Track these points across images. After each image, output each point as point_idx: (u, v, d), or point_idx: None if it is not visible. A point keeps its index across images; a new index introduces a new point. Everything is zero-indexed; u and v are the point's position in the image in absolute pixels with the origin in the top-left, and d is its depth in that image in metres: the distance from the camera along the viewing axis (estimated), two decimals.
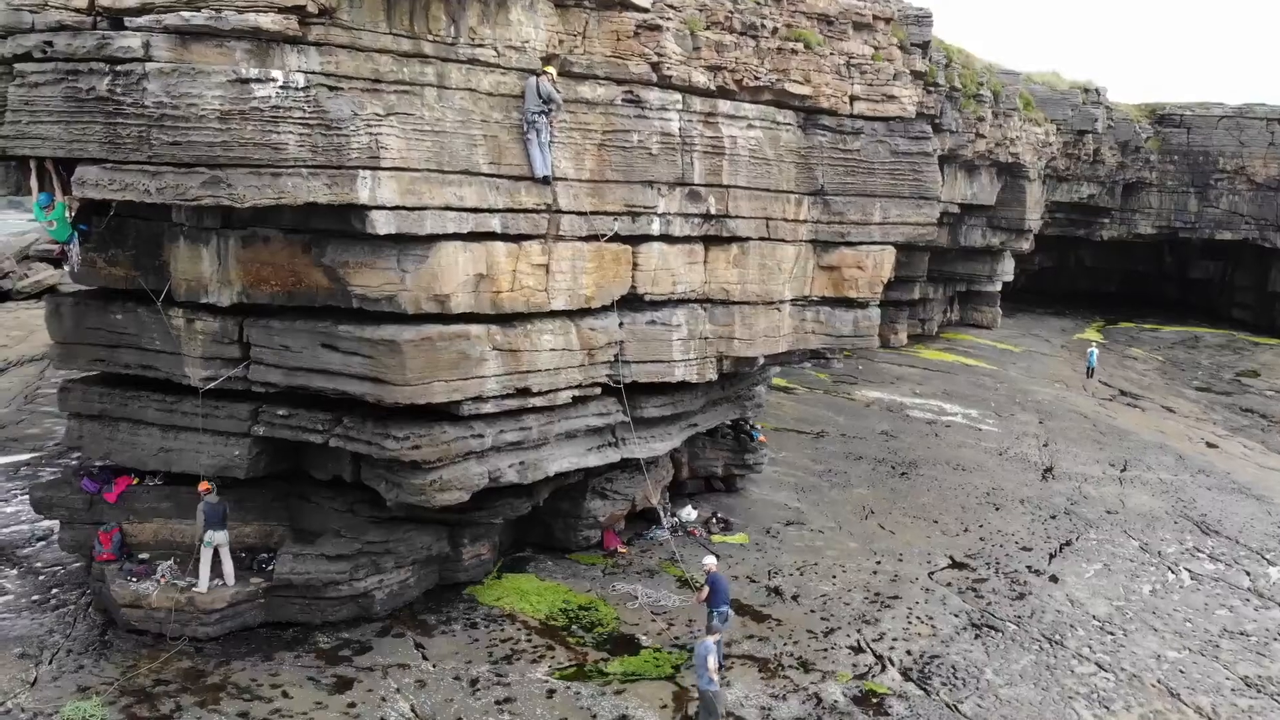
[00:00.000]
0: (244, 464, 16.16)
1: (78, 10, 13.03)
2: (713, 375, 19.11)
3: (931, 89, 30.38)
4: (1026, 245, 45.73)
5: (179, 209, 15.04)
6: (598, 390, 17.58)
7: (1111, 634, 17.86)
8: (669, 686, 15.22)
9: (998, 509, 24.28)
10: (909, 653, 16.74)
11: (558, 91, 15.51)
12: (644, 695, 14.92)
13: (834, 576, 19.46)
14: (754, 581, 19.15)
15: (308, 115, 13.16)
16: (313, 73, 13.39)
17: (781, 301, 19.67)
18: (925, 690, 15.64)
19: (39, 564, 18.57)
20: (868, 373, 37.72)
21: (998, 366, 42.16)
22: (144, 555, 16.84)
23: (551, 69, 15.69)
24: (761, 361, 20.19)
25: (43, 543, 19.44)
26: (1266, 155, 53.83)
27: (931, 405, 34.20)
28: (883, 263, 20.61)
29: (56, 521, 19.82)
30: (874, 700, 15.18)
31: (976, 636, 17.54)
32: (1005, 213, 43.08)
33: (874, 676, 15.93)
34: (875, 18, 20.33)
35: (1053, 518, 23.96)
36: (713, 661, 13.66)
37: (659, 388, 18.68)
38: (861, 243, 20.24)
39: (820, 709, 14.87)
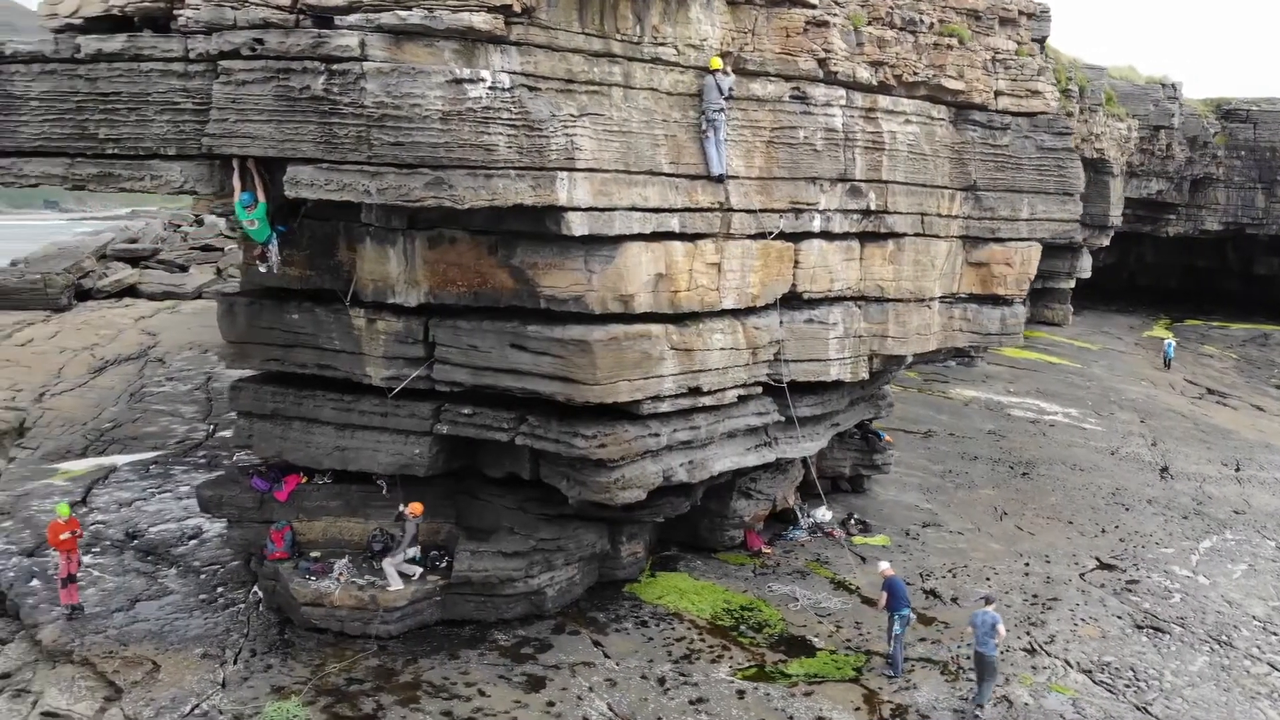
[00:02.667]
0: (425, 462, 16.19)
1: (281, 7, 13.06)
2: (865, 374, 19.00)
3: None
4: (1105, 241, 45.26)
5: (368, 209, 15.07)
6: (759, 389, 17.50)
7: (1275, 634, 17.62)
8: (856, 689, 15.12)
9: (1127, 509, 24.01)
10: (1084, 654, 16.56)
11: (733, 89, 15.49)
12: (834, 697, 14.82)
13: (987, 579, 19.27)
14: (908, 584, 18.94)
15: (514, 116, 13.11)
16: (515, 73, 13.36)
17: (932, 299, 19.54)
18: (1111, 692, 15.46)
19: (196, 562, 18.67)
20: (957, 371, 37.43)
21: (1081, 364, 41.74)
22: (315, 553, 16.90)
23: (727, 66, 15.63)
24: (910, 360, 20.07)
25: (195, 541, 19.56)
26: None
27: (1030, 404, 33.91)
28: (1030, 259, 20.43)
29: (204, 520, 20.15)
30: (1064, 703, 15.01)
31: (1146, 637, 17.34)
32: (1088, 209, 42.49)
33: (1057, 679, 15.76)
34: (1020, 13, 20.16)
35: (1184, 518, 23.67)
36: (1002, 629, 14.43)
37: (810, 387, 18.57)
38: (1010, 239, 20.07)
39: (1013, 712, 14.71)
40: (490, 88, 12.97)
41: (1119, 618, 18.05)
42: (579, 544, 17.04)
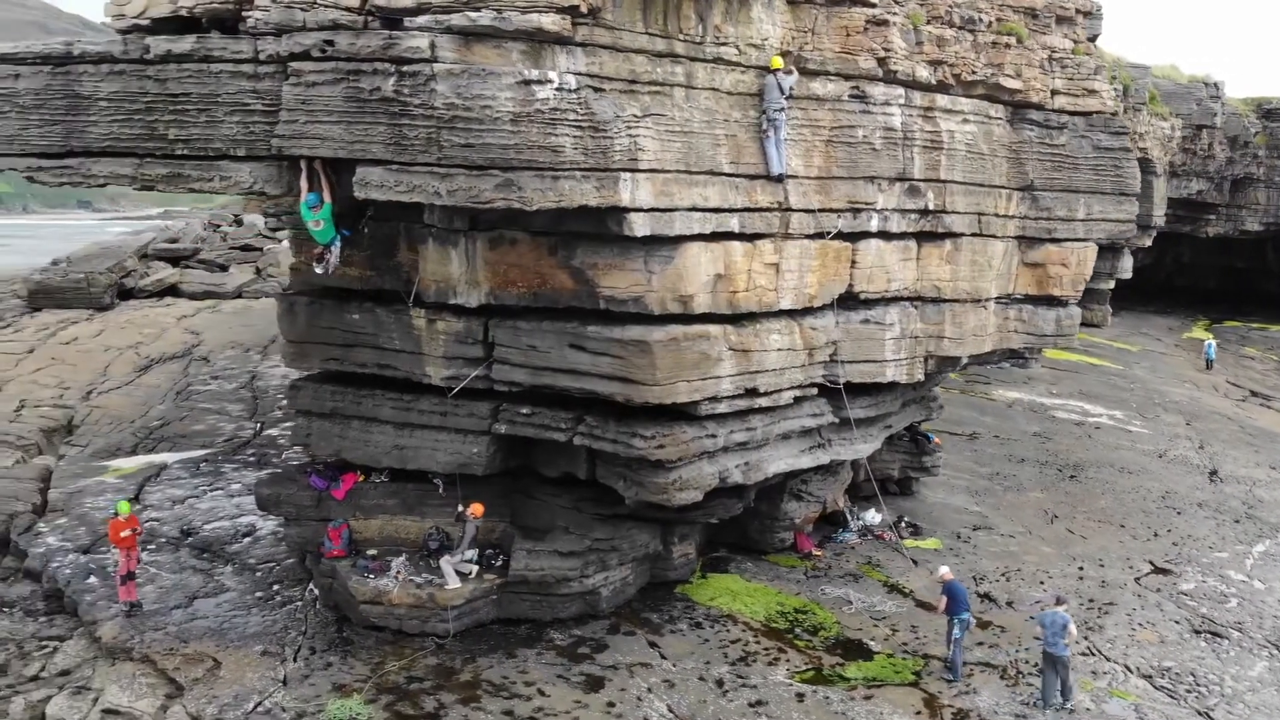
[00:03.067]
0: (483, 461, 16.23)
1: (350, 9, 13.11)
2: (920, 375, 18.87)
3: None
4: (1148, 241, 44.70)
5: (430, 210, 15.11)
6: (814, 391, 17.41)
7: None
8: (916, 693, 15.01)
9: (1179, 513, 23.72)
10: (1143, 659, 16.37)
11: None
12: (894, 701, 14.73)
13: (1041, 582, 19.09)
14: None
15: (580, 117, 13.08)
16: (580, 74, 13.33)
17: (988, 299, 19.37)
18: (1173, 697, 15.27)
19: (251, 560, 18.83)
20: (997, 372, 37.11)
21: (1123, 366, 41.31)
22: (371, 551, 16.99)
23: (788, 65, 15.57)
24: (965, 362, 19.91)
25: (249, 538, 19.74)
26: None
27: (1073, 406, 33.59)
28: (1086, 260, 20.23)
29: (256, 517, 20.31)
30: (1126, 708, 14.83)
31: (1204, 642, 17.12)
32: None
33: (1117, 684, 15.58)
34: (1077, 11, 19.95)
35: (1236, 522, 23.37)
36: (1073, 629, 14.62)
37: (864, 388, 18.44)
38: (1066, 239, 19.86)
39: (1075, 719, 14.55)
40: (557, 89, 12.96)
41: (1176, 622, 17.84)
42: (633, 544, 17.02)
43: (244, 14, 13.58)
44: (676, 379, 14.88)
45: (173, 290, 45.57)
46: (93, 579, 17.68)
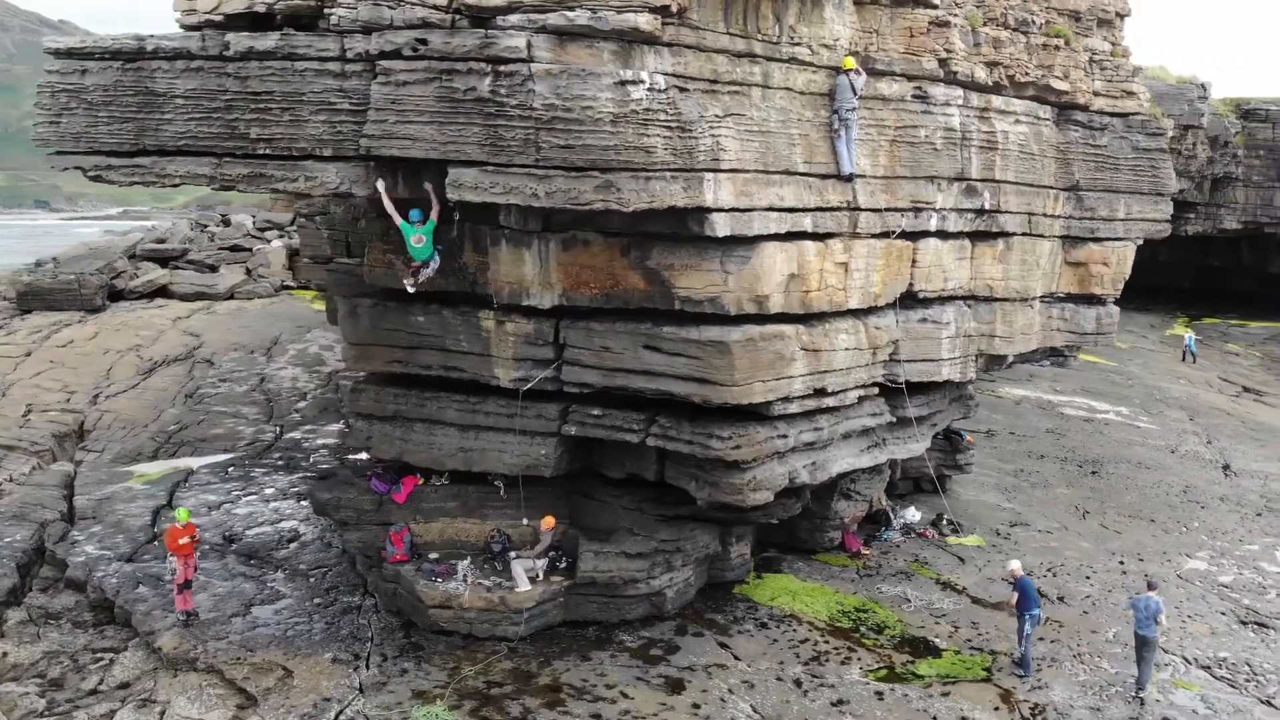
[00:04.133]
0: (551, 463, 16.13)
1: (438, 7, 12.95)
2: (973, 374, 19.07)
3: None
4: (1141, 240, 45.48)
5: (506, 212, 14.96)
6: (875, 390, 17.51)
7: None
8: (990, 688, 15.14)
9: (1203, 507, 24.16)
10: (1199, 651, 16.66)
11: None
12: (970, 697, 14.84)
13: (1087, 577, 19.35)
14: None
15: (669, 118, 13.02)
16: (668, 74, 13.28)
17: (1034, 298, 19.59)
18: (1234, 687, 15.56)
19: (301, 565, 18.55)
20: (1003, 370, 37.49)
21: (1117, 363, 41.96)
22: (434, 555, 16.81)
23: (858, 65, 15.64)
24: (1010, 360, 20.12)
25: (295, 544, 19.44)
26: None
27: (1079, 403, 34.07)
28: (1125, 259, 20.54)
29: (298, 522, 20.04)
30: (1193, 699, 15.08)
31: (1252, 633, 17.46)
32: None
33: (1179, 676, 15.84)
34: (1116, 14, 20.22)
35: (1258, 515, 23.85)
36: (1163, 618, 15.17)
37: (919, 387, 18.56)
38: (1108, 239, 20.18)
39: (1146, 710, 14.77)
40: (649, 89, 12.90)
41: (1222, 614, 18.17)
42: (695, 545, 17.00)
43: (326, 10, 13.40)
44: (753, 379, 14.89)
45: (163, 291, 44.65)
46: (143, 588, 17.30)
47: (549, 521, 16.25)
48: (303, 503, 21.21)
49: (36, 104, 14.10)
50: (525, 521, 16.93)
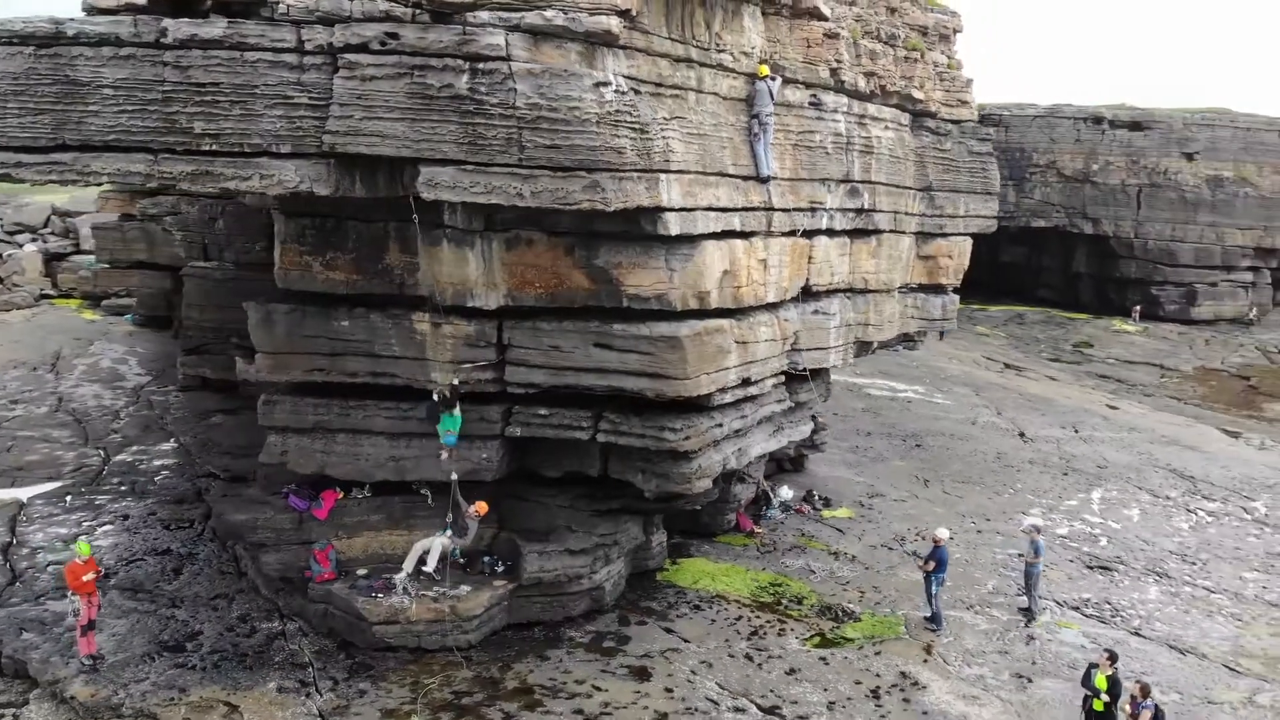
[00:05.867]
0: (494, 466, 15.96)
1: (399, 1, 12.61)
2: (852, 360, 20.60)
3: None
4: None
5: (453, 211, 14.61)
6: (781, 379, 18.58)
7: (1193, 564, 20.99)
8: (914, 644, 16.60)
9: (1018, 471, 27.25)
10: (1065, 595, 18.98)
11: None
12: (901, 653, 16.22)
13: (951, 538, 21.26)
14: (891, 550, 20.81)
15: (633, 119, 13.37)
16: (626, 76, 13.65)
17: (895, 289, 21.41)
18: (1103, 623, 17.94)
19: (196, 593, 17.13)
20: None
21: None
22: (362, 570, 16.15)
23: (770, 72, 16.58)
24: (875, 346, 21.85)
25: (183, 574, 17.87)
26: (1074, 150, 61.60)
27: (881, 384, 37.16)
28: (964, 252, 22.86)
29: (175, 551, 18.57)
30: (1077, 635, 17.23)
31: (1101, 576, 20.09)
32: None
33: (1058, 617, 18.01)
34: (954, 30, 22.46)
35: (1064, 475, 27.23)
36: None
37: (804, 375, 19.81)
38: (953, 234, 22.38)
39: (1040, 648, 16.72)
40: (615, 91, 13.21)
41: (1071, 562, 20.76)
42: (627, 537, 17.41)
43: None
44: (700, 372, 15.46)
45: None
46: (27, 634, 15.43)
47: (481, 507, 15.89)
48: (172, 529, 19.56)
49: None
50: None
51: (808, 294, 18.96)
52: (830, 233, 19.09)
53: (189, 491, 21.87)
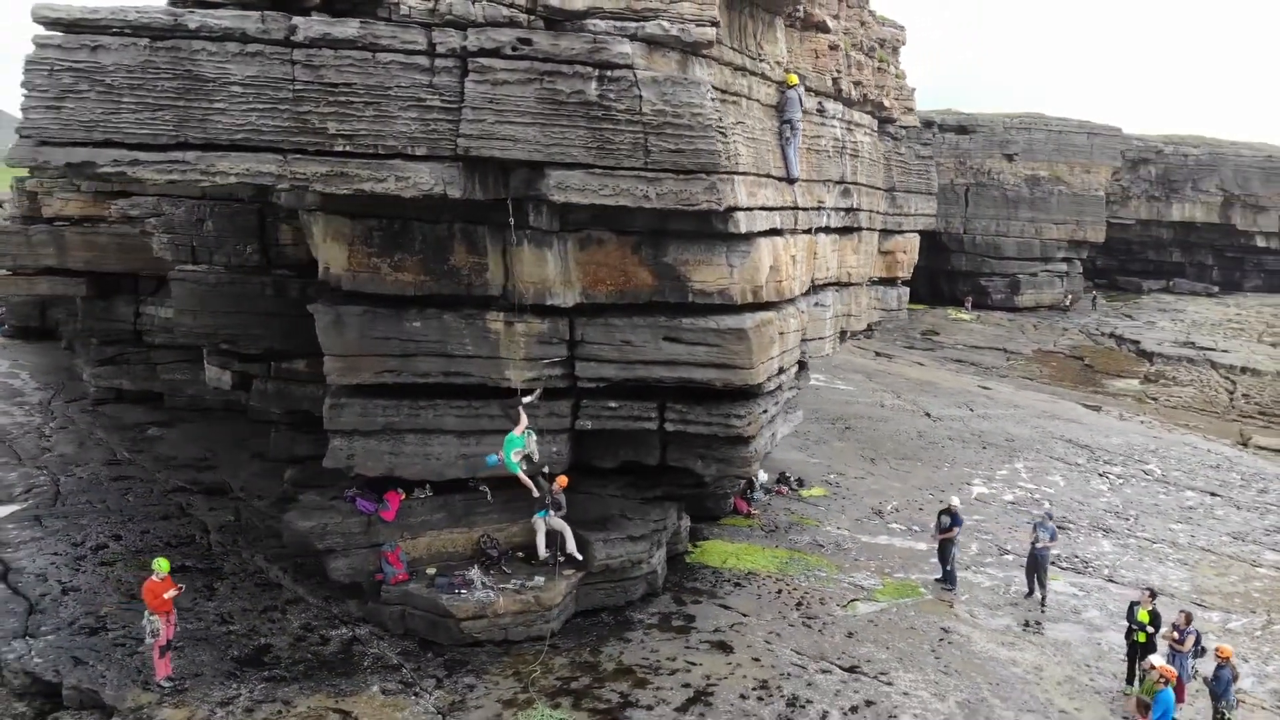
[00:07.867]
0: (564, 459, 16.36)
1: (519, 7, 13.01)
2: (838, 349, 22.10)
3: None
4: None
5: (538, 212, 14.94)
6: (797, 367, 19.85)
7: (1126, 520, 23.82)
8: (939, 603, 18.25)
9: (942, 447, 29.73)
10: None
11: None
12: (931, 611, 17.83)
13: (920, 509, 23.41)
14: (873, 521, 22.51)
15: (720, 124, 14.28)
16: (710, 84, 14.51)
17: (864, 283, 23.15)
18: (1080, 573, 20.24)
19: (240, 609, 16.61)
20: None
21: None
22: (431, 569, 16.20)
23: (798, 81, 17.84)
24: (850, 335, 23.51)
25: (222, 585, 17.23)
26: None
27: None
28: (914, 247, 24.93)
29: (209, 567, 17.95)
30: (1066, 586, 19.40)
31: (1060, 534, 22.42)
32: None
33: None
34: (900, 43, 24.44)
35: (984, 448, 29.93)
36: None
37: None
38: (908, 230, 24.35)
39: (1035, 599, 18.78)
40: (712, 98, 14.06)
41: (1029, 524, 23.07)
42: (670, 522, 18.19)
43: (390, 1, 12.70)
44: (759, 362, 16.50)
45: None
46: (86, 663, 14.58)
47: (562, 480, 16.30)
48: (176, 546, 18.72)
49: (24, 84, 11.59)
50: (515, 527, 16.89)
51: (812, 288, 20.33)
52: (827, 230, 20.54)
53: (172, 507, 20.89)
